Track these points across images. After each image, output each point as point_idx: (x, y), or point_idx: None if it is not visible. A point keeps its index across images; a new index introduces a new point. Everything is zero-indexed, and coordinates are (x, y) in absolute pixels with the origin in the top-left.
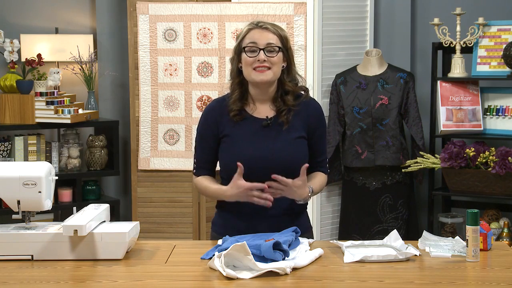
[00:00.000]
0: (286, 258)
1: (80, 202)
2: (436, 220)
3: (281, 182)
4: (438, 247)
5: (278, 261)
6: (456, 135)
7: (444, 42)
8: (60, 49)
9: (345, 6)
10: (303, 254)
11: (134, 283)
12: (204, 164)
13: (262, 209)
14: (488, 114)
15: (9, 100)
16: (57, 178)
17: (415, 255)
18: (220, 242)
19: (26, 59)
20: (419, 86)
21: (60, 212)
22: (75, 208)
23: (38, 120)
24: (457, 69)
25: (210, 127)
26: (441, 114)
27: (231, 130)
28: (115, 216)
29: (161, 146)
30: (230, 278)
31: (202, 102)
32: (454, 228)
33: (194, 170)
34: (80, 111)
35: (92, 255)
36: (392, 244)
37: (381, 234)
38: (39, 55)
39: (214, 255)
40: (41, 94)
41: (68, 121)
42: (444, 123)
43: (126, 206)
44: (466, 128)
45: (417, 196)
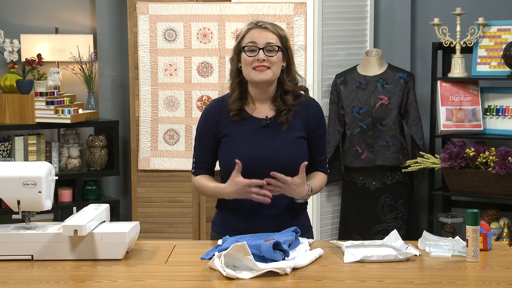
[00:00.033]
0: (286, 258)
1: (80, 202)
2: (436, 220)
3: (279, 180)
4: (438, 247)
5: (278, 261)
6: (456, 135)
7: (444, 42)
8: (60, 49)
9: (345, 6)
10: (303, 254)
11: (134, 283)
12: (203, 164)
13: (262, 209)
14: (488, 114)
15: (9, 100)
16: (57, 178)
17: (415, 255)
18: (220, 242)
19: (26, 59)
20: (419, 86)
21: (60, 212)
22: (75, 208)
23: (38, 120)
24: (457, 69)
25: (209, 127)
26: (441, 114)
27: (231, 130)
28: (115, 216)
29: (161, 146)
30: (230, 278)
31: (202, 102)
32: (454, 228)
33: (193, 170)
34: (80, 111)
35: (92, 255)
36: (392, 244)
37: (381, 234)
38: (39, 55)
39: (214, 255)
40: (41, 94)
41: (68, 121)
42: (444, 123)
43: (126, 206)
44: (466, 128)
45: (417, 196)
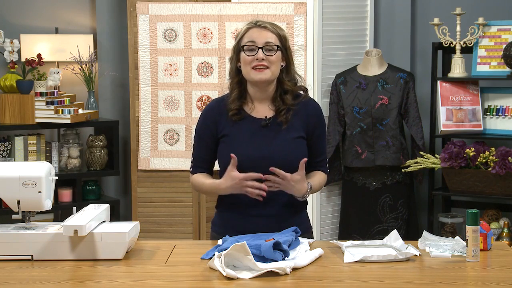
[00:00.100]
0: (286, 258)
1: (80, 202)
2: (436, 220)
3: (278, 175)
4: (438, 247)
5: (278, 261)
6: (456, 135)
7: (444, 42)
8: (60, 49)
9: (345, 6)
10: (303, 254)
11: (134, 283)
12: (201, 163)
13: (262, 208)
14: (488, 114)
15: (9, 100)
16: (57, 178)
17: (415, 255)
18: (220, 242)
19: (26, 59)
20: (419, 86)
21: (60, 212)
22: (75, 208)
23: (38, 120)
24: (457, 69)
25: (208, 127)
26: (441, 114)
27: (230, 130)
28: (115, 216)
29: (161, 146)
30: (230, 278)
31: (202, 102)
32: (454, 228)
33: (191, 169)
34: (80, 111)
35: (92, 255)
36: (392, 244)
37: (381, 234)
38: (39, 55)
39: (214, 255)
40: (41, 94)
41: (68, 121)
42: (444, 123)
43: (126, 206)
44: (466, 128)
45: (417, 196)
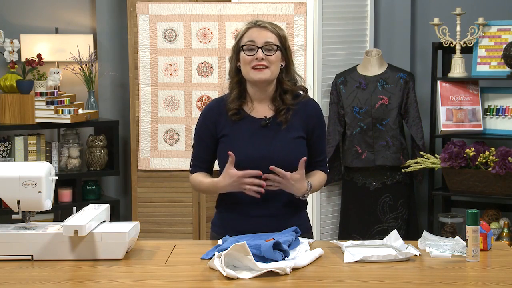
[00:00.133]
0: (286, 258)
1: (80, 202)
2: (436, 220)
3: (278, 174)
4: (438, 247)
5: (278, 261)
6: (456, 135)
7: (444, 42)
8: (60, 49)
9: (345, 6)
10: (303, 254)
11: (134, 283)
12: (200, 163)
13: (261, 207)
14: (488, 114)
15: (9, 100)
16: (57, 178)
17: (415, 255)
18: (220, 242)
19: (26, 59)
20: (419, 86)
21: (60, 212)
22: (75, 208)
23: (38, 120)
24: (457, 69)
25: (208, 127)
26: (441, 114)
27: (230, 130)
28: (115, 216)
29: (161, 146)
30: (230, 278)
31: (202, 102)
32: (454, 228)
33: (191, 168)
34: (80, 111)
35: (92, 255)
36: (392, 244)
37: (381, 234)
38: (39, 55)
39: (214, 255)
40: (41, 94)
41: (68, 121)
42: (444, 123)
43: (126, 206)
44: (466, 128)
45: (417, 196)
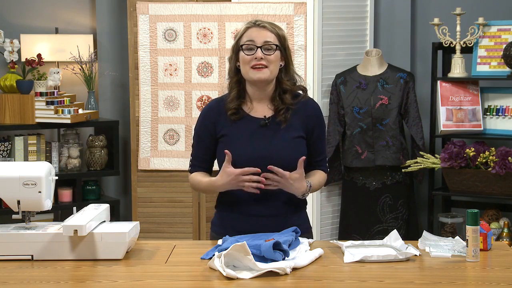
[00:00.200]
0: (286, 258)
1: (80, 202)
2: (436, 220)
3: (277, 173)
4: (438, 247)
5: (278, 261)
6: (456, 135)
7: (444, 42)
8: (60, 49)
9: (345, 6)
10: (303, 254)
11: (134, 283)
12: (200, 163)
13: (261, 208)
14: (488, 114)
15: (9, 100)
16: (57, 178)
17: (415, 255)
18: (220, 242)
19: (26, 59)
20: (419, 86)
21: (60, 212)
22: (75, 208)
23: (38, 120)
24: (457, 69)
25: (207, 127)
26: (441, 114)
27: (229, 130)
28: (115, 216)
29: (161, 146)
30: (230, 278)
31: (202, 102)
32: (454, 228)
33: (190, 168)
34: (80, 111)
35: (92, 255)
36: (392, 244)
37: (381, 234)
38: (39, 55)
39: (214, 255)
40: (41, 94)
41: (68, 121)
42: (444, 123)
43: (126, 206)
44: (466, 128)
45: (417, 196)
